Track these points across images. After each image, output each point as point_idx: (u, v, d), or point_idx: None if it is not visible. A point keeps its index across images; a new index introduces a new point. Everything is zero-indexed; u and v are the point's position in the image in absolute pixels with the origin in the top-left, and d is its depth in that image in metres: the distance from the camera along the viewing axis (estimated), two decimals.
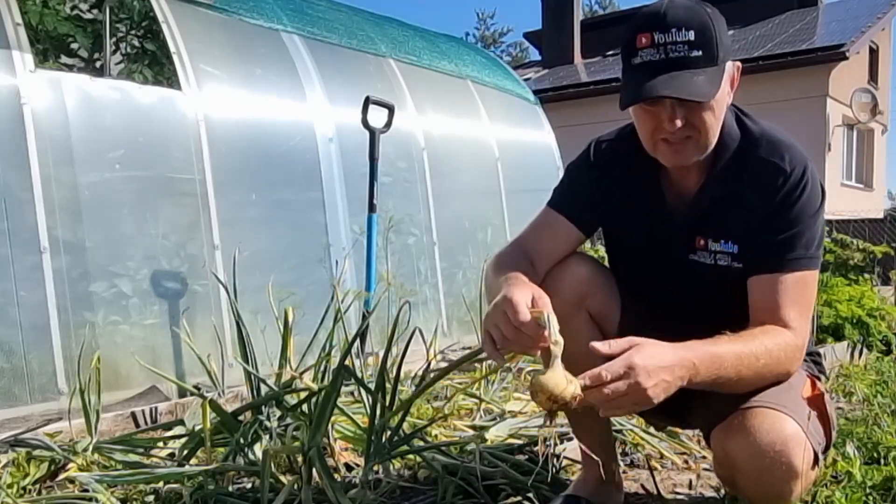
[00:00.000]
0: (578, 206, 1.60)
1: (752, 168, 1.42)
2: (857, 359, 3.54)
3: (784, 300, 1.37)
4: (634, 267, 1.60)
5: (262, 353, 2.20)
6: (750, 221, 1.41)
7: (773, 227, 1.39)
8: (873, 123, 14.99)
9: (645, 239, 1.55)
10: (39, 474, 1.87)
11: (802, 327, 1.39)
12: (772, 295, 1.38)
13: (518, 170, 5.20)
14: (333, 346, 2.09)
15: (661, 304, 1.56)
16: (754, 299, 1.41)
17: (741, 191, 1.42)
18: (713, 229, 1.46)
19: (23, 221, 2.80)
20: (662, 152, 1.39)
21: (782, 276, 1.38)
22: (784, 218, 1.38)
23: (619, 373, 1.18)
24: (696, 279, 1.49)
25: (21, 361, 2.75)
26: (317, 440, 1.68)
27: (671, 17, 1.30)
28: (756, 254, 1.41)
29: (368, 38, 4.59)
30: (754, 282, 1.41)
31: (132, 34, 4.59)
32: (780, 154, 1.41)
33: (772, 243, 1.39)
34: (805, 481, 1.33)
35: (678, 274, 1.52)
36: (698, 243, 1.48)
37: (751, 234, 1.41)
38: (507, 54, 34.73)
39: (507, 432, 2.12)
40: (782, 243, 1.39)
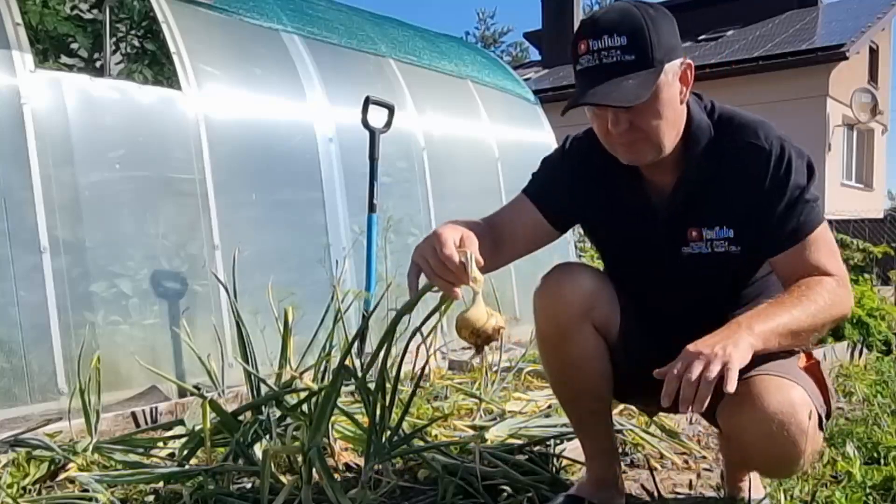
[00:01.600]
0: (551, 198, 1.60)
1: (730, 153, 1.43)
2: (857, 359, 3.54)
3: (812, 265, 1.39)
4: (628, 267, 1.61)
5: (262, 353, 2.20)
6: (742, 205, 1.42)
7: (771, 207, 1.40)
8: (873, 123, 14.99)
9: (633, 238, 1.55)
10: (39, 474, 1.87)
11: (839, 270, 1.41)
12: (800, 266, 1.40)
13: (518, 170, 5.19)
14: (333, 346, 2.09)
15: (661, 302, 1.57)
16: (785, 275, 1.42)
17: (725, 176, 1.43)
18: (705, 218, 1.46)
19: (23, 221, 2.80)
20: (618, 152, 1.41)
21: (798, 247, 1.40)
22: (779, 195, 1.40)
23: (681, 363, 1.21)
24: (695, 271, 1.49)
25: (21, 361, 2.75)
26: (317, 440, 1.68)
27: (603, 24, 1.32)
28: (765, 236, 1.42)
29: (368, 38, 4.59)
30: (778, 261, 1.43)
31: (132, 34, 4.59)
32: (754, 134, 1.42)
33: (777, 223, 1.40)
34: (812, 445, 1.34)
35: (674, 269, 1.51)
36: (691, 235, 1.48)
37: (746, 217, 1.43)
38: (507, 54, 34.72)
39: (507, 432, 2.12)
40: (787, 219, 1.40)
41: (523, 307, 4.93)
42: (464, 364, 3.31)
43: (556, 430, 2.15)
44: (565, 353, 1.56)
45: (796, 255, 1.40)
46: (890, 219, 11.28)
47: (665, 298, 1.57)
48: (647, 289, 1.59)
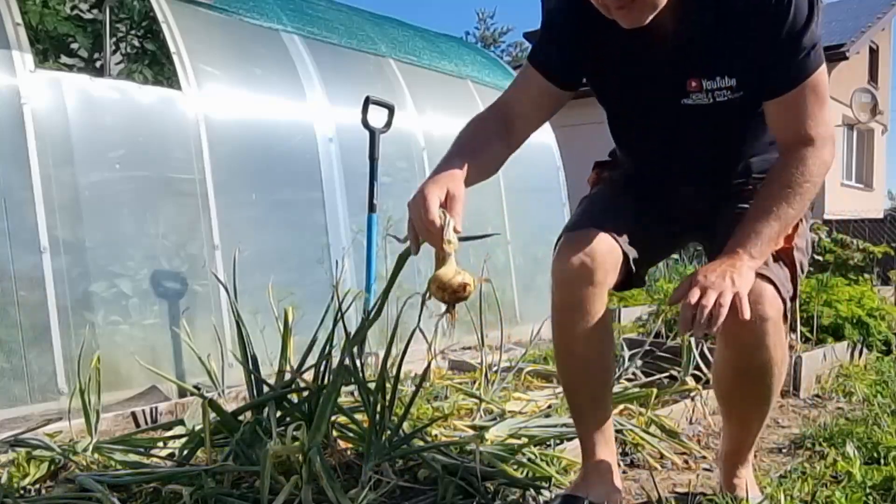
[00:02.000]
0: (553, 60, 1.58)
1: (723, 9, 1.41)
2: (857, 359, 3.54)
3: (802, 115, 1.43)
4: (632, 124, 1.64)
5: (262, 353, 2.20)
6: (743, 51, 1.42)
7: (772, 51, 1.40)
8: (873, 123, 14.99)
9: (634, 91, 1.56)
10: (39, 474, 1.87)
11: (823, 128, 1.45)
12: (791, 114, 1.44)
13: (518, 170, 5.19)
14: (333, 346, 2.09)
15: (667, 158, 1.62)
16: (774, 121, 1.47)
17: (724, 24, 1.42)
18: (704, 68, 1.46)
19: (23, 221, 2.80)
20: (616, 17, 1.38)
21: (794, 91, 1.42)
22: (779, 38, 1.39)
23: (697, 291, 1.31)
24: (697, 122, 1.51)
25: (21, 361, 2.75)
26: (317, 440, 1.68)
27: None
28: (763, 79, 1.43)
29: (368, 38, 4.59)
30: (771, 105, 1.46)
31: (132, 34, 4.59)
32: None
33: (776, 65, 1.41)
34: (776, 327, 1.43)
35: (677, 121, 1.53)
36: (690, 86, 1.48)
37: (748, 63, 1.43)
38: (507, 54, 34.71)
39: (507, 432, 2.12)
40: (788, 62, 1.41)
41: (523, 307, 4.93)
42: (464, 364, 3.32)
43: (556, 430, 2.15)
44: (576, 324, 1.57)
45: (791, 103, 1.43)
46: (890, 219, 11.28)
47: (670, 153, 1.60)
48: (652, 145, 1.61)
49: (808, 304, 3.55)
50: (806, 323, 3.42)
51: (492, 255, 4.72)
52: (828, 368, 3.28)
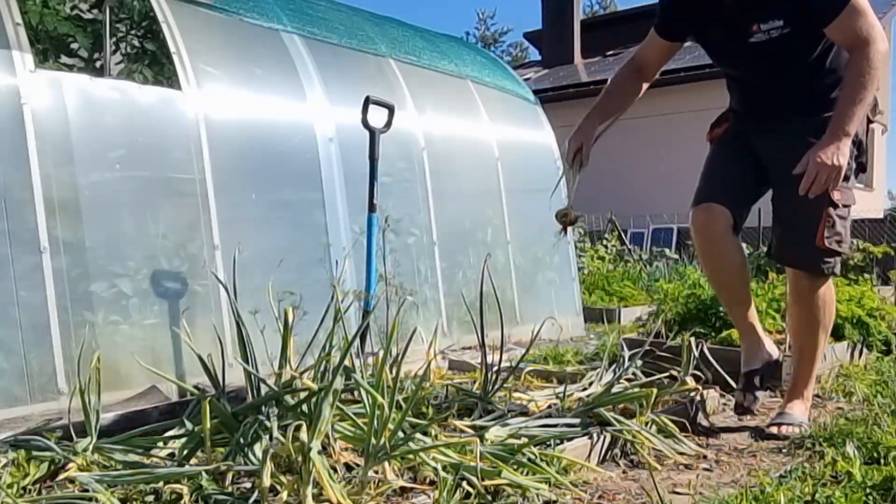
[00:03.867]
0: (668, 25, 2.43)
1: None
2: (857, 359, 3.54)
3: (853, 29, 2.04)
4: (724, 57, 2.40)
5: (262, 353, 2.20)
6: None
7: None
8: (873, 123, 14.99)
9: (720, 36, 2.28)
10: (39, 474, 1.86)
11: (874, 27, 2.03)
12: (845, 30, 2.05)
13: (518, 170, 5.20)
14: (333, 346, 2.09)
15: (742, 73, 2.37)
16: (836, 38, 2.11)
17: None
18: (759, 16, 2.12)
19: (23, 221, 2.80)
20: None
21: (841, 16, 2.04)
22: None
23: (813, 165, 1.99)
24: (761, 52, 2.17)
25: (21, 361, 2.75)
26: (317, 440, 1.68)
27: None
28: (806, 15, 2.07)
29: (368, 38, 4.59)
30: (829, 30, 2.09)
31: (132, 34, 4.59)
32: None
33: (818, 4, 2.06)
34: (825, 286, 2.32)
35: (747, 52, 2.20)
36: (752, 30, 2.16)
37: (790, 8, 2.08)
38: (507, 54, 34.73)
39: (507, 432, 2.12)
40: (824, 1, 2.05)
41: (523, 308, 4.93)
42: (464, 364, 3.32)
43: (556, 430, 2.16)
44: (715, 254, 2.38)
45: (842, 25, 2.04)
46: (890, 219, 11.28)
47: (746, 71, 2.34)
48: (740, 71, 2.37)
49: None
50: None
51: (492, 255, 4.72)
52: (828, 368, 3.28)
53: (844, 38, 2.07)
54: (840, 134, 2.01)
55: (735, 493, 1.79)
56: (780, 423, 2.39)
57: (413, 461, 1.86)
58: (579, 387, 2.69)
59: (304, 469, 1.62)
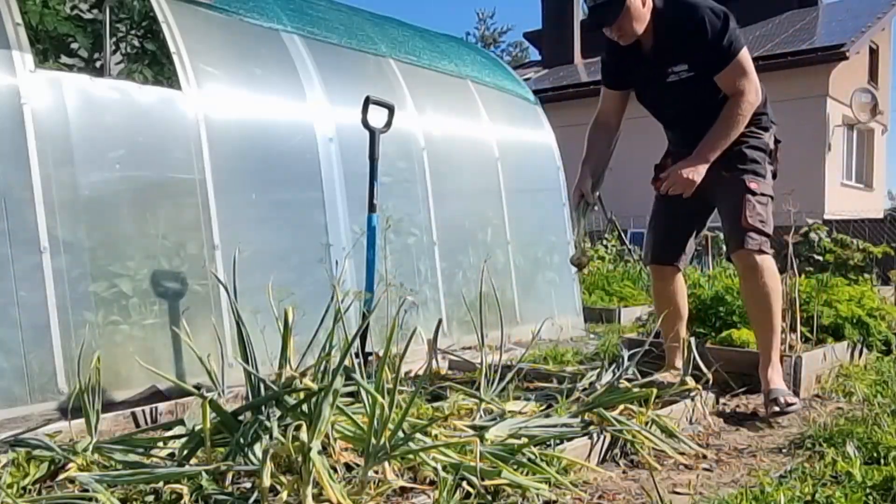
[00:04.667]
0: (612, 79, 2.95)
1: (676, 22, 2.65)
2: (857, 359, 3.54)
3: (734, 79, 2.63)
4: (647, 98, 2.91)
5: (262, 353, 2.20)
6: (689, 48, 2.64)
7: (701, 47, 2.60)
8: (873, 123, 14.98)
9: (642, 79, 2.84)
10: (39, 474, 1.86)
11: (750, 83, 2.63)
12: (727, 81, 2.64)
13: (518, 170, 5.20)
14: (333, 346, 2.09)
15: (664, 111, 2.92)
16: (721, 84, 2.66)
17: (676, 35, 2.66)
18: (671, 61, 2.70)
19: (23, 221, 2.80)
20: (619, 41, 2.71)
21: (728, 67, 2.62)
22: (701, 39, 2.59)
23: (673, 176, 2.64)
24: (677, 91, 2.75)
25: (21, 361, 2.75)
26: (317, 440, 1.68)
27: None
28: (702, 64, 2.64)
29: (368, 38, 4.59)
30: (718, 77, 2.65)
31: (132, 34, 4.59)
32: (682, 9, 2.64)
33: (706, 55, 2.61)
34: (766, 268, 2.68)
35: (664, 91, 2.78)
36: (667, 71, 2.72)
37: (691, 56, 2.65)
38: (507, 54, 34.72)
39: (507, 432, 2.12)
40: (713, 52, 2.60)
41: (523, 308, 4.93)
42: (464, 364, 3.31)
43: (556, 430, 2.15)
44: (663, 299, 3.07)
45: (728, 74, 2.62)
46: (890, 219, 11.28)
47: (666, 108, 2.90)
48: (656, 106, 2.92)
49: (808, 304, 3.54)
50: (806, 323, 3.41)
51: (492, 255, 4.72)
52: (828, 368, 3.27)
53: (726, 86, 2.64)
54: (702, 159, 2.60)
55: (735, 493, 1.79)
56: (776, 398, 2.61)
57: (413, 461, 1.86)
58: (579, 387, 2.69)
59: (304, 469, 1.62)
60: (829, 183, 13.37)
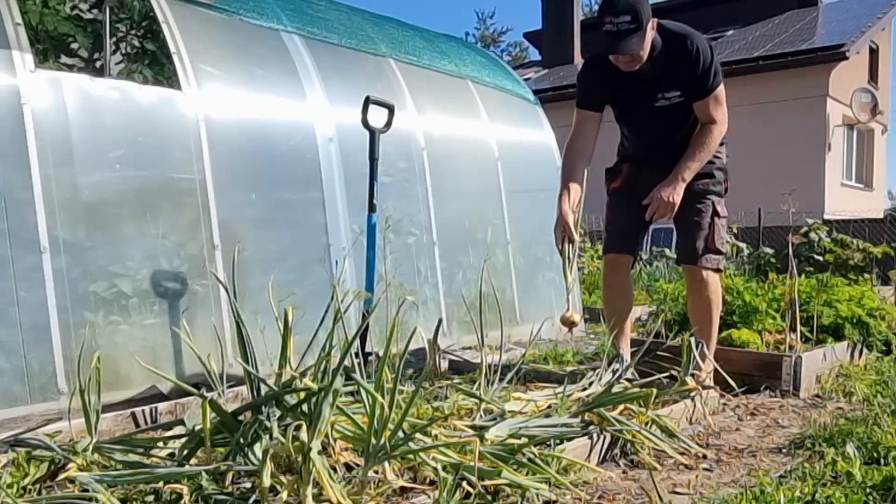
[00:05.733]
0: (591, 100, 3.01)
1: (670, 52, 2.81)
2: (857, 359, 3.54)
3: (711, 109, 2.88)
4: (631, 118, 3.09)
5: (262, 353, 2.20)
6: (681, 76, 2.83)
7: (693, 73, 2.82)
8: (873, 123, 14.99)
9: (632, 102, 2.96)
10: (39, 474, 1.86)
11: (722, 114, 2.90)
12: (705, 108, 2.88)
13: (518, 170, 5.19)
14: (333, 346, 2.09)
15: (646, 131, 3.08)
16: (697, 111, 2.89)
17: (670, 63, 2.82)
18: (665, 87, 2.87)
19: (23, 221, 2.80)
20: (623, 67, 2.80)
21: (707, 96, 2.86)
22: (696, 67, 2.80)
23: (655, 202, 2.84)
24: (664, 114, 2.93)
25: (21, 361, 2.75)
26: (317, 440, 1.68)
27: (618, 7, 2.66)
28: (691, 90, 2.85)
29: (368, 38, 4.59)
30: (697, 105, 2.88)
31: (132, 34, 4.59)
32: (680, 38, 2.81)
33: (696, 82, 2.84)
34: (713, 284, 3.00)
35: (654, 114, 2.94)
36: (657, 97, 2.89)
37: (684, 82, 2.84)
38: (507, 54, 34.71)
39: (507, 432, 2.12)
40: (703, 80, 2.83)
41: (523, 308, 4.93)
42: (464, 364, 3.31)
43: (556, 430, 2.15)
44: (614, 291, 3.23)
45: (706, 104, 2.87)
46: (890, 219, 11.27)
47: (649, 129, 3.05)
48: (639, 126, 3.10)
49: (808, 304, 3.54)
50: (806, 323, 3.41)
51: (492, 255, 4.72)
52: (828, 368, 3.28)
53: (702, 114, 2.89)
54: (679, 180, 2.84)
55: (735, 493, 1.80)
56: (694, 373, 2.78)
57: (413, 461, 1.86)
58: (579, 387, 2.69)
59: (304, 469, 1.62)
60: (829, 183, 13.37)
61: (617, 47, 2.70)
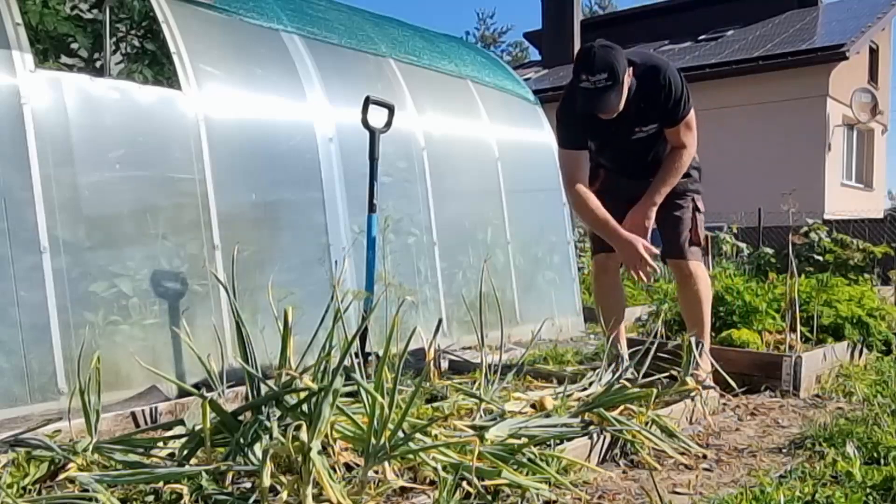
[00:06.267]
0: (574, 141, 3.02)
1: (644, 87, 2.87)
2: (857, 359, 3.54)
3: (681, 135, 2.97)
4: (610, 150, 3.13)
5: (262, 353, 2.20)
6: (655, 109, 2.91)
7: (666, 105, 2.89)
8: (873, 123, 14.99)
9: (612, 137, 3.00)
10: (39, 474, 1.86)
11: (691, 139, 3.00)
12: (676, 135, 2.98)
13: (518, 170, 5.20)
14: (333, 346, 2.09)
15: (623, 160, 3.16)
16: (669, 136, 3.00)
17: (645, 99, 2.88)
18: (642, 121, 2.95)
19: (23, 221, 2.80)
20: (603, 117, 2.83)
21: (678, 124, 2.95)
22: (668, 100, 2.88)
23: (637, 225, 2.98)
24: (640, 142, 3.02)
25: (21, 361, 2.75)
26: (317, 440, 1.68)
27: (595, 65, 2.67)
28: (664, 120, 2.94)
29: (368, 38, 4.59)
30: (668, 132, 2.98)
31: (132, 34, 4.59)
32: (653, 72, 2.87)
33: (668, 111, 2.92)
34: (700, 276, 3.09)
35: (631, 145, 3.03)
36: (636, 130, 2.98)
37: (658, 113, 2.92)
38: (507, 54, 34.73)
39: (507, 432, 2.12)
40: (674, 111, 2.91)
41: (523, 308, 4.93)
42: (464, 364, 3.31)
43: (556, 430, 2.15)
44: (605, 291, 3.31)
45: (676, 130, 2.97)
46: (890, 219, 11.27)
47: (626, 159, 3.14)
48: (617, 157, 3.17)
49: (808, 304, 3.54)
50: (806, 323, 3.41)
51: (492, 255, 4.72)
52: (828, 368, 3.28)
53: (672, 139, 3.00)
54: (651, 202, 2.97)
55: (735, 493, 1.80)
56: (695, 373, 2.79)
57: (413, 461, 1.86)
58: (579, 387, 2.69)
59: (304, 469, 1.62)
60: (829, 183, 13.37)
61: (597, 107, 2.73)
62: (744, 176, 12.68)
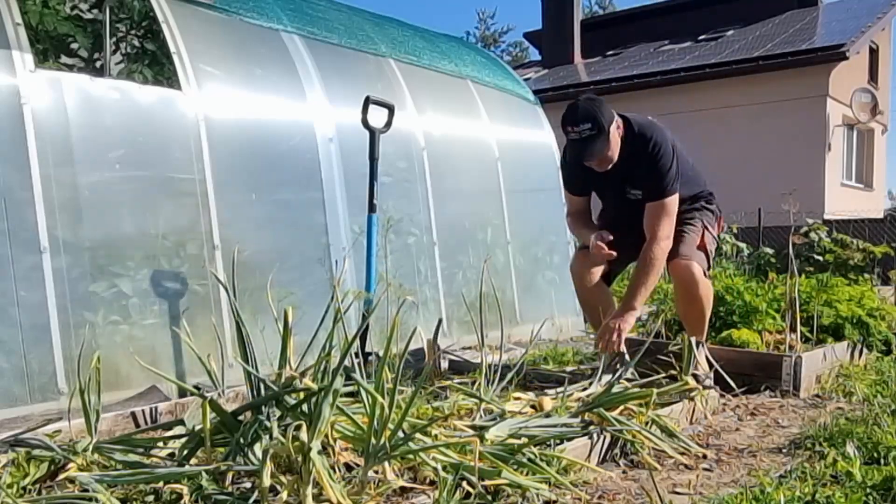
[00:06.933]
0: (576, 187, 3.24)
1: (635, 152, 2.96)
2: (857, 359, 3.54)
3: (656, 218, 2.96)
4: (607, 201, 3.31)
5: (262, 353, 2.20)
6: (642, 177, 2.99)
7: (648, 178, 2.97)
8: (873, 123, 14.98)
9: (606, 191, 3.22)
10: (39, 474, 1.86)
11: (668, 228, 2.96)
12: (651, 215, 2.98)
13: (518, 170, 5.20)
14: (333, 346, 2.09)
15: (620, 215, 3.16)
16: (647, 216, 3.00)
17: (634, 162, 2.97)
18: (630, 184, 3.05)
19: (23, 221, 2.80)
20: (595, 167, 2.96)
21: (654, 204, 2.97)
22: (652, 172, 2.96)
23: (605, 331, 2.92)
24: (631, 205, 3.06)
25: (21, 361, 2.75)
26: (317, 440, 1.68)
27: (578, 117, 2.82)
28: (647, 185, 2.99)
29: (368, 38, 4.59)
30: (647, 206, 2.99)
31: (132, 34, 4.59)
32: (644, 140, 2.96)
33: (649, 186, 2.98)
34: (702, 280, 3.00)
35: (626, 203, 3.09)
36: (626, 191, 3.07)
37: (643, 183, 3.00)
38: (507, 54, 34.72)
39: (507, 432, 2.12)
40: (659, 185, 2.96)
41: (523, 308, 4.93)
42: (464, 364, 3.31)
43: (556, 430, 2.15)
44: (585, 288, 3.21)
45: (654, 207, 2.97)
46: (890, 219, 11.27)
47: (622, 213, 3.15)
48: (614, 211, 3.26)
49: (808, 304, 3.54)
50: (806, 323, 3.41)
51: (492, 255, 4.72)
52: (828, 368, 3.27)
53: (649, 218, 2.97)
54: (629, 308, 2.91)
55: (735, 493, 1.79)
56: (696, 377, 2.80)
57: (413, 461, 1.86)
58: (579, 387, 2.69)
59: (304, 469, 1.62)
60: (829, 183, 13.36)
61: (584, 155, 2.87)
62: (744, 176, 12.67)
